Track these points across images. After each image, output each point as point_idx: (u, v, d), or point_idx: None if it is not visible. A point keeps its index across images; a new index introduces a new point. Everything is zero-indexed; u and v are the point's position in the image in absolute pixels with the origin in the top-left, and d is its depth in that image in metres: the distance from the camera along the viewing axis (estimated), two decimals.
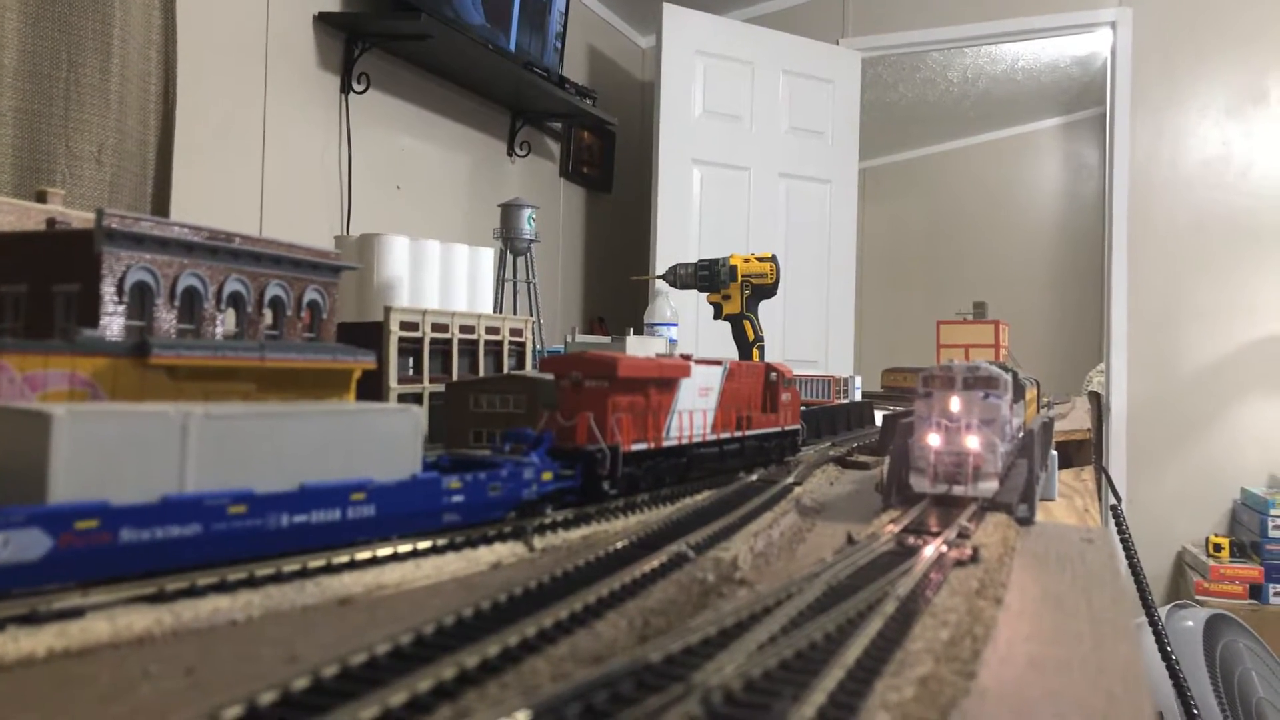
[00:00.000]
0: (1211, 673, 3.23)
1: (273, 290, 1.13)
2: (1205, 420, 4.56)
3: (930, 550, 0.84)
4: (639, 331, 2.92)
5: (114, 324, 0.95)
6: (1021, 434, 1.33)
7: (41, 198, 1.23)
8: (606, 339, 2.35)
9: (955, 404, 1.11)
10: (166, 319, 1.01)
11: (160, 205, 2.40)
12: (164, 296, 1.00)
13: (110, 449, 0.64)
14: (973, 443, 1.10)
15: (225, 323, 1.09)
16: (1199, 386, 4.56)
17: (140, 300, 0.99)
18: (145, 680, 0.54)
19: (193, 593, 0.65)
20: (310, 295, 1.18)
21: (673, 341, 2.81)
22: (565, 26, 4.12)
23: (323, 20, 3.00)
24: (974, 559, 0.84)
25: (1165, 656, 1.85)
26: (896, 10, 5.09)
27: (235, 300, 1.09)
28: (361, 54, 3.12)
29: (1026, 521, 1.11)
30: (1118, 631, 0.68)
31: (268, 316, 1.14)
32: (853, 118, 4.96)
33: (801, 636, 0.56)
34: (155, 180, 2.40)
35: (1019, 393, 1.41)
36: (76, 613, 0.60)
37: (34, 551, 0.58)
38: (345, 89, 3.11)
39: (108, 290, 0.94)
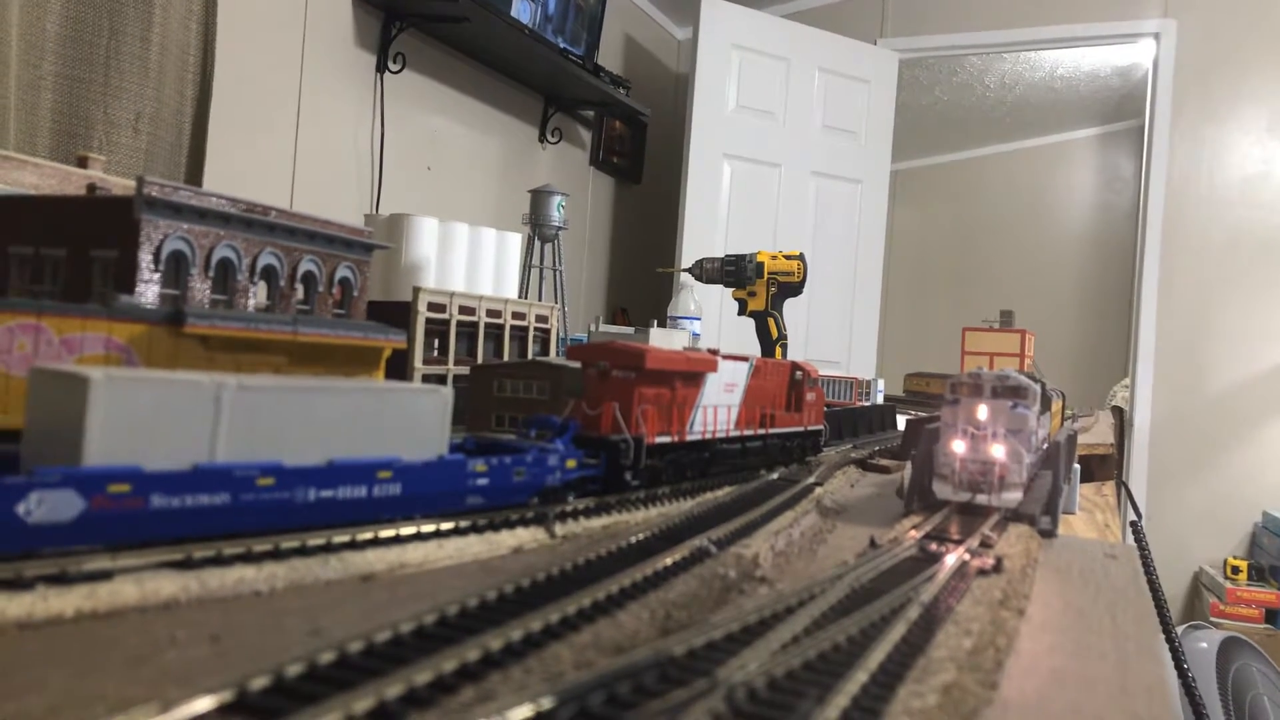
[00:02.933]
0: (1224, 696, 3.20)
1: (305, 265, 1.13)
2: (1229, 441, 4.50)
3: (953, 558, 0.84)
4: (662, 324, 2.92)
5: (149, 291, 0.96)
6: (1047, 445, 1.31)
7: (82, 163, 1.24)
8: (630, 330, 2.35)
9: (983, 412, 1.10)
10: (200, 289, 1.02)
11: (194, 175, 2.41)
12: (199, 266, 1.01)
13: (145, 415, 0.64)
14: (998, 452, 1.09)
15: (257, 295, 1.10)
16: (1224, 406, 4.51)
17: (175, 269, 0.99)
18: (172, 645, 0.54)
19: (219, 561, 0.66)
20: (342, 272, 1.19)
21: (695, 335, 2.80)
22: (603, 14, 4.11)
23: None
24: (997, 569, 0.84)
25: (1182, 675, 1.84)
26: (936, 12, 5.04)
27: (268, 273, 1.10)
28: (398, 33, 3.13)
29: (1049, 534, 1.11)
30: (1142, 650, 0.67)
31: (299, 291, 1.15)
32: (887, 119, 4.92)
33: (825, 638, 0.56)
34: (190, 150, 2.42)
35: (1045, 404, 1.40)
36: (105, 575, 0.60)
37: (67, 512, 0.59)
38: (381, 68, 3.12)
39: (145, 258, 0.95)
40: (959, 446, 1.10)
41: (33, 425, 0.67)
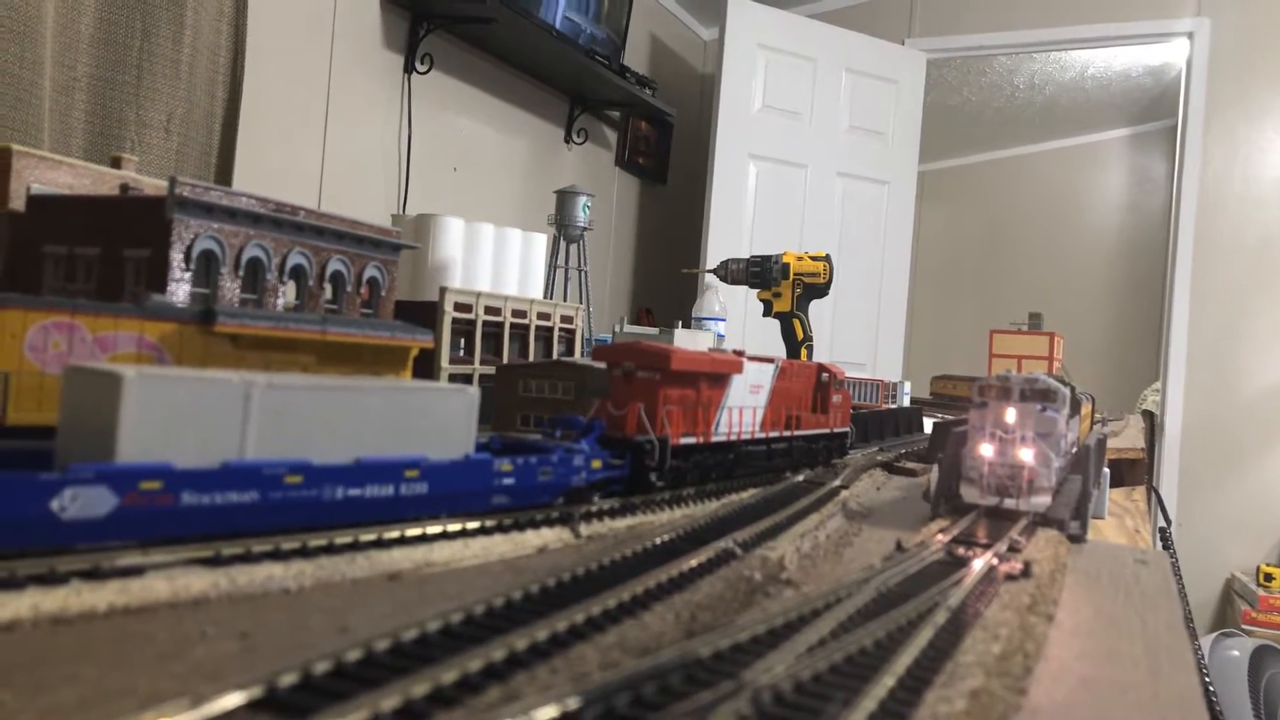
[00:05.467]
0: (1255, 704, 3.15)
1: (334, 265, 1.14)
2: (1262, 446, 4.43)
3: (981, 562, 0.83)
4: (687, 324, 2.92)
5: (180, 290, 0.97)
6: (1076, 449, 1.30)
7: (116, 164, 1.26)
8: (654, 330, 2.35)
9: (1011, 415, 1.09)
10: (230, 288, 1.03)
11: (223, 176, 2.44)
12: (229, 266, 1.02)
13: (176, 412, 0.65)
14: (1027, 455, 1.08)
15: (286, 295, 1.11)
16: (1257, 411, 4.43)
17: (206, 268, 1.01)
18: (201, 641, 0.55)
19: (248, 558, 0.67)
20: (370, 272, 1.19)
21: (720, 336, 2.80)
22: (629, 15, 4.11)
23: (390, 0, 3.02)
24: (1025, 574, 0.83)
25: (1202, 686, 1.81)
26: (965, 12, 5.00)
27: (297, 273, 1.11)
28: (426, 35, 3.15)
29: (1078, 539, 1.09)
30: (1175, 659, 0.66)
31: (328, 291, 1.16)
32: (915, 119, 4.88)
33: (852, 641, 0.56)
34: (220, 151, 2.44)
35: (1075, 408, 1.38)
36: (137, 571, 0.61)
37: (100, 508, 0.59)
38: (408, 69, 3.14)
39: (176, 257, 0.96)
40: (987, 450, 1.09)
41: (67, 422, 0.68)
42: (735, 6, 4.39)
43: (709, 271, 2.70)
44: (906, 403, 2.79)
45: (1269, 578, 4.18)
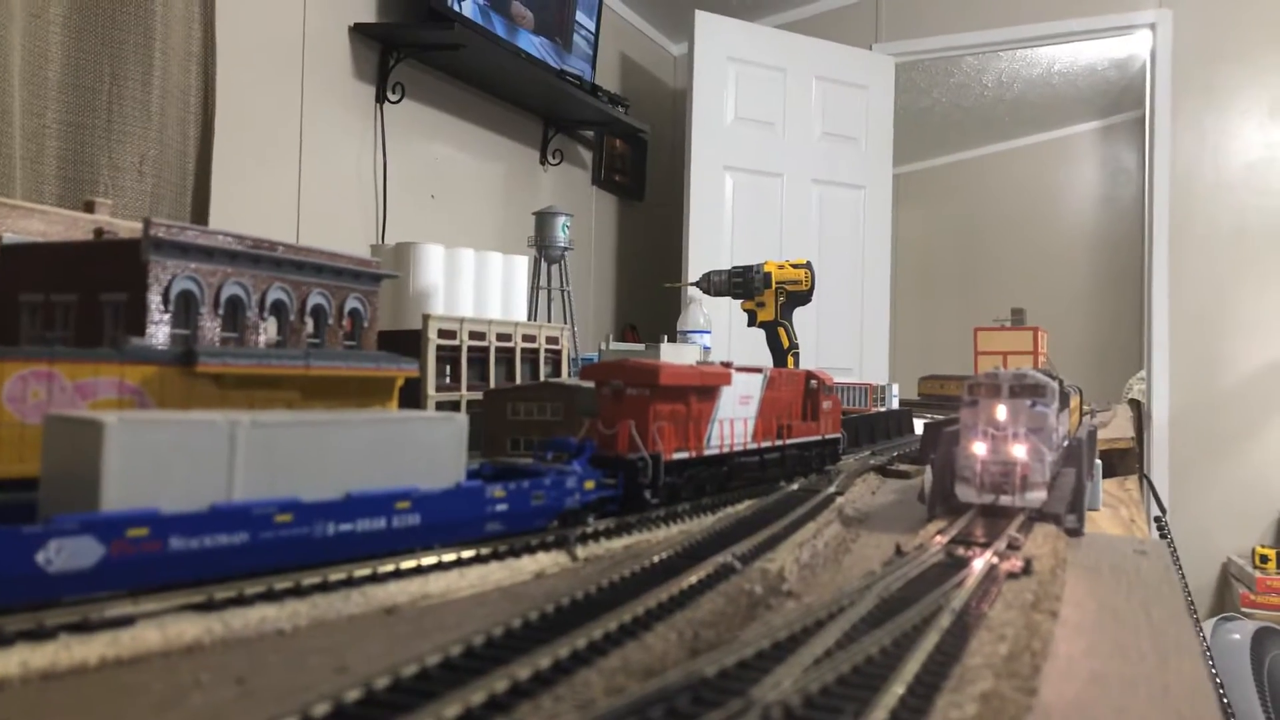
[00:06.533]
0: (1259, 686, 3.15)
1: (315, 299, 1.13)
2: (1250, 428, 4.46)
3: (981, 562, 0.82)
4: (672, 339, 2.91)
5: (160, 333, 0.96)
6: (1067, 442, 1.30)
7: (89, 208, 1.25)
8: (640, 346, 2.34)
9: (1002, 412, 1.09)
10: (211, 327, 1.02)
11: (199, 215, 2.43)
12: (208, 305, 1.01)
13: (161, 457, 0.64)
14: (1019, 452, 1.08)
15: (267, 331, 1.10)
16: (1243, 394, 4.47)
17: (185, 309, 1.00)
18: (197, 689, 0.54)
19: (241, 601, 0.65)
20: (351, 304, 1.19)
21: (706, 349, 2.79)
22: (597, 35, 4.13)
23: (358, 31, 3.02)
24: (1026, 571, 0.82)
25: (1207, 673, 1.81)
26: (930, 15, 5.05)
27: (278, 309, 1.10)
28: (396, 64, 3.15)
29: (1076, 532, 1.09)
30: (1181, 648, 0.66)
31: (309, 325, 1.15)
32: (886, 123, 4.92)
33: (858, 651, 0.55)
34: (194, 190, 2.43)
35: (1064, 401, 1.38)
36: (127, 621, 0.60)
37: (87, 559, 0.58)
38: (380, 99, 3.14)
39: (154, 299, 0.95)
40: (980, 448, 1.09)
41: (49, 473, 0.66)
42: (703, 21, 4.42)
43: (691, 285, 2.70)
44: (895, 405, 2.79)
45: (1265, 559, 4.20)
